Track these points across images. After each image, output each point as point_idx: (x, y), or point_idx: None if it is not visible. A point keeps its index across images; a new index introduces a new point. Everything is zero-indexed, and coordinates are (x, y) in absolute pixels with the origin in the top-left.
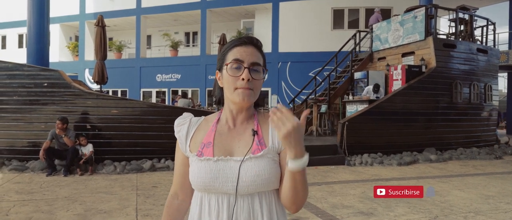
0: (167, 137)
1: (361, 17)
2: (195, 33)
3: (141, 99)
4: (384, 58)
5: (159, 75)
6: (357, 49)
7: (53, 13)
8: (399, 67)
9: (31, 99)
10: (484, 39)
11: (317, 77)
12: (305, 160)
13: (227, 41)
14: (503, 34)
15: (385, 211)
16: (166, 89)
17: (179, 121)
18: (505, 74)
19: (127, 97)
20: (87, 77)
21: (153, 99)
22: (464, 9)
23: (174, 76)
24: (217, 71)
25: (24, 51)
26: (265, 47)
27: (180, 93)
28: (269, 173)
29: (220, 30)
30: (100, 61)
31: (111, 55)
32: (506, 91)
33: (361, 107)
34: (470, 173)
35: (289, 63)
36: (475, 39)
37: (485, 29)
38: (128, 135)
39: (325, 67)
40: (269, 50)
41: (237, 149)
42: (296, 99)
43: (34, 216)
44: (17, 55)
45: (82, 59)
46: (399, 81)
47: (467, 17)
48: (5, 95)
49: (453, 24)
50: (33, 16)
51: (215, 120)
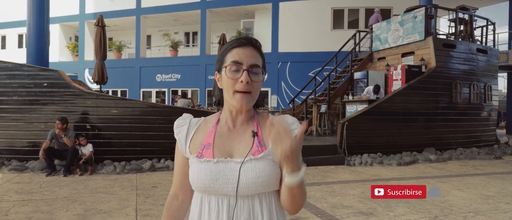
0: (166, 137)
1: (361, 17)
2: (195, 33)
3: (141, 99)
4: (384, 58)
5: (159, 75)
6: (357, 49)
7: (53, 13)
8: (399, 67)
9: (30, 99)
10: (484, 39)
11: (317, 77)
12: (302, 173)
13: (227, 41)
14: (502, 34)
15: (384, 211)
16: (166, 89)
17: (178, 122)
18: (505, 74)
19: (127, 97)
20: (87, 77)
21: (153, 99)
22: (464, 9)
23: (174, 76)
24: (216, 72)
25: (24, 51)
26: (265, 47)
27: (180, 93)
28: (269, 175)
29: (220, 30)
30: (100, 61)
31: (111, 55)
32: (505, 91)
33: (361, 107)
34: (469, 173)
35: (289, 63)
36: (475, 39)
37: (485, 29)
38: (127, 135)
39: (325, 67)
40: (269, 50)
41: (237, 150)
42: (296, 99)
43: (33, 216)
44: (17, 55)
45: (82, 59)
46: (399, 81)
47: (467, 17)
48: (5, 95)
49: (453, 24)
50: (33, 16)
51: (215, 121)
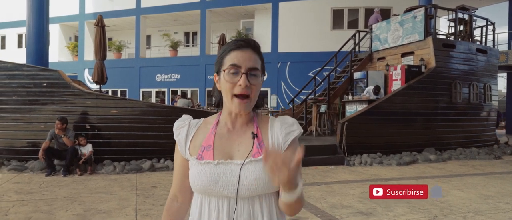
0: (166, 137)
1: (361, 17)
2: (194, 33)
3: (141, 99)
4: (383, 58)
5: (158, 75)
6: (357, 49)
7: (52, 13)
8: (399, 67)
9: (30, 99)
10: (483, 39)
11: (316, 77)
12: (299, 191)
13: (226, 41)
14: (502, 34)
15: (384, 211)
16: (165, 89)
17: (178, 124)
18: (505, 74)
19: (127, 97)
20: (87, 77)
21: (153, 99)
22: (463, 9)
23: (173, 76)
24: (215, 74)
25: (23, 51)
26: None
27: (179, 93)
28: (269, 177)
29: (219, 30)
30: (99, 61)
31: (110, 55)
32: (505, 91)
33: (360, 107)
34: (469, 173)
35: (289, 63)
36: (475, 39)
37: (484, 29)
38: (127, 135)
39: (325, 67)
40: (268, 50)
41: (237, 152)
42: (295, 99)
43: (33, 216)
44: (17, 55)
45: (81, 59)
46: (399, 81)
47: (466, 17)
48: (5, 95)
49: (452, 24)
50: (33, 16)
51: (214, 122)
